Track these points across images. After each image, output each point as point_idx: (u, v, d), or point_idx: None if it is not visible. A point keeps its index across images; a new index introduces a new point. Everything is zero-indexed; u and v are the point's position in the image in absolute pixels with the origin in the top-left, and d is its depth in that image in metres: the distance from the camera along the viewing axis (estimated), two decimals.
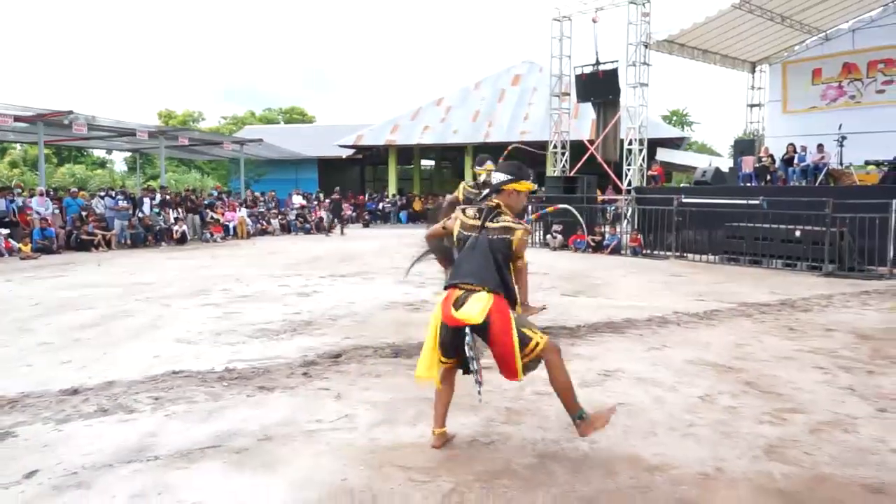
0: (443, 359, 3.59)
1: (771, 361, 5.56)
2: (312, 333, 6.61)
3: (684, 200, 14.65)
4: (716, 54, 20.22)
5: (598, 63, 18.66)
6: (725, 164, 26.57)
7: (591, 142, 19.79)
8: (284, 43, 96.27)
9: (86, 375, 5.05)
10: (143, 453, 3.60)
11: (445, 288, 3.61)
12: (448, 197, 7.22)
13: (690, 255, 14.16)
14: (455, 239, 3.70)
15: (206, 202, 22.02)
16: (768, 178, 16.58)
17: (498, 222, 3.58)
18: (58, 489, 3.19)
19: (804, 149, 16.91)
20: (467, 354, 3.48)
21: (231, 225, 21.27)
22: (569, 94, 20.14)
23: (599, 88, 18.77)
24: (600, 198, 19.16)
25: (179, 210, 19.82)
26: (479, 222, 3.62)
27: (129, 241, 17.41)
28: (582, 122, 25.16)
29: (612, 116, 19.02)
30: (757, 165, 17.13)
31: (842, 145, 15.57)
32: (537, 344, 3.51)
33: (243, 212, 22.46)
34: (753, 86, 22.02)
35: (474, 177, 6.82)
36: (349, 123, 37.97)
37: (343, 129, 35.04)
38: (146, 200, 19.25)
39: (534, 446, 3.72)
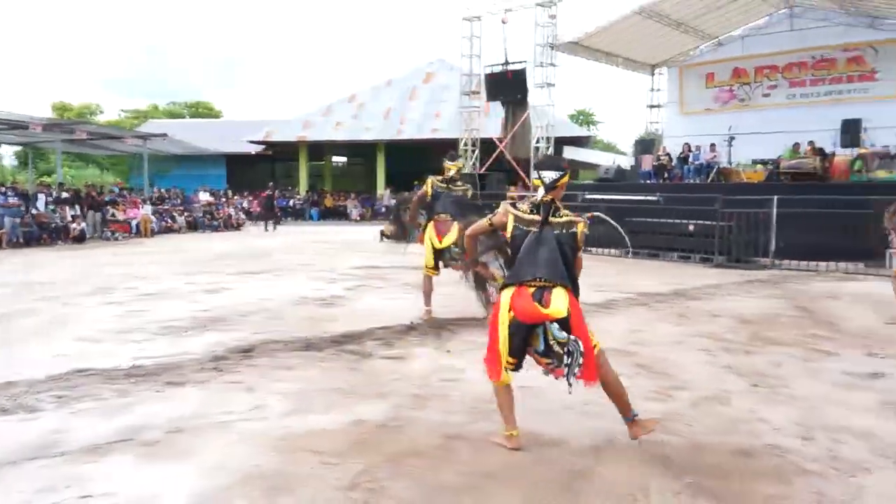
0: (509, 359, 3.54)
1: (662, 345, 5.98)
2: (222, 329, 6.58)
3: (588, 196, 15.24)
4: (618, 57, 21.11)
5: (507, 63, 19.15)
6: (629, 162, 27.72)
7: (501, 140, 20.27)
8: (189, 34, 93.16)
9: None
10: (50, 450, 3.58)
11: (507, 286, 3.52)
12: (418, 192, 7.36)
13: (594, 249, 14.73)
14: (510, 235, 3.61)
15: (107, 199, 21.19)
16: (665, 175, 17.49)
17: (561, 217, 3.57)
18: None
19: (698, 148, 17.93)
20: (563, 348, 3.44)
21: (134, 223, 20.55)
22: (479, 93, 20.56)
23: (508, 88, 19.26)
24: (510, 194, 19.66)
25: (77, 207, 19.00)
26: (538, 217, 3.57)
27: (21, 240, 16.56)
28: (492, 121, 25.70)
29: (520, 115, 19.57)
30: (655, 164, 18.04)
31: (731, 145, 16.62)
32: (596, 344, 3.55)
33: (147, 209, 21.74)
34: (654, 88, 23.10)
35: (443, 171, 6.99)
36: (258, 119, 37.27)
37: (252, 125, 34.39)
38: (41, 197, 18.35)
39: (440, 428, 3.92)
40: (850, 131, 15.54)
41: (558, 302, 3.42)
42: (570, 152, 27.02)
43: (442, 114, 30.30)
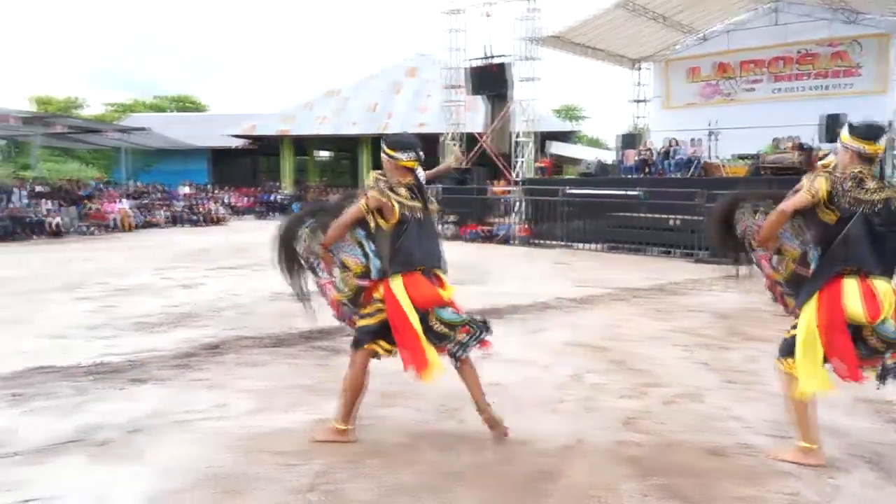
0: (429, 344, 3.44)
1: (639, 341, 5.91)
2: (193, 325, 6.46)
3: (569, 191, 15.19)
4: (602, 51, 21.01)
5: (490, 57, 19.00)
6: (613, 157, 27.68)
7: (483, 134, 20.16)
8: (176, 27, 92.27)
9: None
10: None
11: (394, 274, 3.43)
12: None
13: (577, 244, 14.71)
14: (397, 221, 3.45)
15: (84, 193, 20.90)
16: (647, 170, 17.43)
17: (432, 201, 3.64)
18: None
19: (680, 143, 17.88)
20: (451, 329, 3.52)
21: (113, 217, 20.28)
22: (462, 87, 20.42)
23: (491, 82, 19.12)
24: (492, 189, 19.57)
25: (54, 201, 18.71)
26: (419, 202, 3.53)
27: None
28: (477, 115, 25.54)
29: (502, 109, 19.43)
30: (637, 159, 17.99)
31: (715, 140, 16.58)
32: None
33: (125, 203, 21.47)
34: (638, 82, 23.04)
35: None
36: (242, 112, 36.93)
37: (236, 119, 34.03)
38: (16, 191, 18.06)
39: (406, 427, 3.82)
40: (832, 126, 15.53)
41: (447, 286, 3.56)
42: (554, 147, 27.04)
43: (428, 108, 30.11)
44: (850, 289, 3.14)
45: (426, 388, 4.46)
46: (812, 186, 3.19)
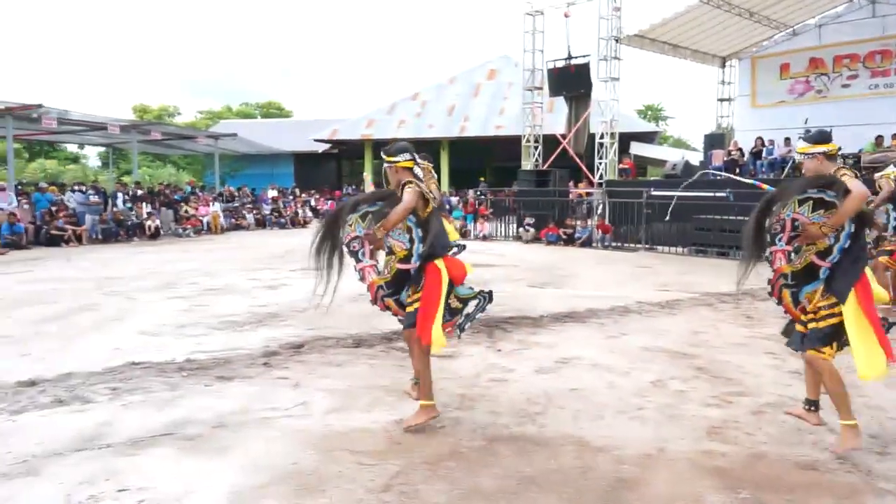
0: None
1: (724, 348, 5.69)
2: (277, 325, 6.64)
3: (654, 193, 14.82)
4: (686, 49, 20.42)
5: (570, 57, 18.77)
6: (699, 158, 26.87)
7: (564, 136, 19.93)
8: (261, 37, 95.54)
9: (44, 367, 5.04)
10: (95, 442, 3.62)
11: (437, 257, 3.85)
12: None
13: (660, 248, 14.34)
14: (429, 212, 3.92)
15: (177, 196, 21.85)
16: (737, 171, 16.80)
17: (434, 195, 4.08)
18: (6, 476, 3.20)
19: (772, 142, 17.17)
20: (463, 303, 3.95)
21: (205, 220, 21.12)
22: (542, 89, 20.25)
23: (571, 83, 18.88)
24: (573, 191, 19.31)
25: (152, 205, 19.66)
26: (434, 196, 4.01)
27: (100, 237, 17.22)
28: (556, 117, 25.29)
29: (583, 110, 19.16)
30: (726, 159, 17.38)
31: None
32: None
33: (217, 206, 22.31)
34: (724, 80, 22.26)
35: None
36: (325, 118, 37.86)
37: (319, 124, 34.95)
38: (119, 195, 19.07)
39: (483, 430, 3.80)
40: None
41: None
42: (636, 148, 26.44)
43: (506, 110, 30.06)
44: (870, 275, 3.50)
45: (504, 392, 4.44)
46: None
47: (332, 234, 3.99)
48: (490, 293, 4.03)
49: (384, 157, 4.08)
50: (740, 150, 17.27)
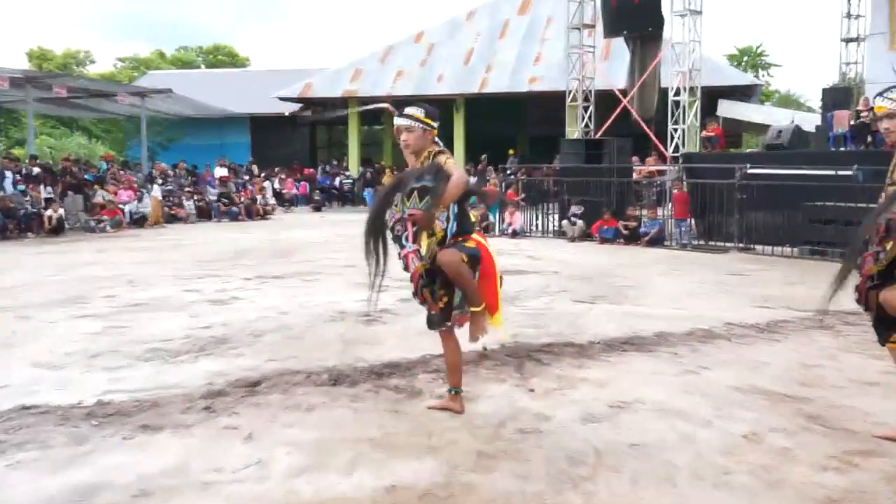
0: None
1: (847, 388, 5.67)
2: (226, 354, 6.68)
3: (751, 171, 14.80)
4: None
5: None
6: (815, 121, 26.80)
7: (625, 93, 19.93)
8: None
9: None
10: None
11: (470, 234, 4.83)
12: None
13: (759, 247, 14.31)
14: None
15: (89, 177, 22.07)
16: (868, 139, 16.74)
17: None
18: None
19: None
20: None
21: (128, 209, 21.29)
22: (594, 27, 20.27)
23: (635, 19, 18.93)
24: (638, 169, 19.32)
25: (54, 188, 19.83)
26: None
27: None
28: (614, 66, 25.33)
29: (652, 57, 19.17)
30: (853, 123, 17.33)
31: None
32: None
33: (156, 191, 22.56)
34: (850, 13, 22.19)
35: None
36: (294, 68, 38.06)
37: (286, 77, 35.15)
38: (6, 174, 19.25)
39: (508, 501, 3.80)
40: None
41: None
42: (727, 108, 26.39)
43: (543, 57, 30.12)
44: None
45: (538, 448, 4.45)
46: None
47: (381, 218, 4.78)
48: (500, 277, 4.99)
49: (419, 116, 4.82)
50: (872, 109, 17.22)
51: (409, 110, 4.82)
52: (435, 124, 4.87)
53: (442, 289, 4.78)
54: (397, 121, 4.89)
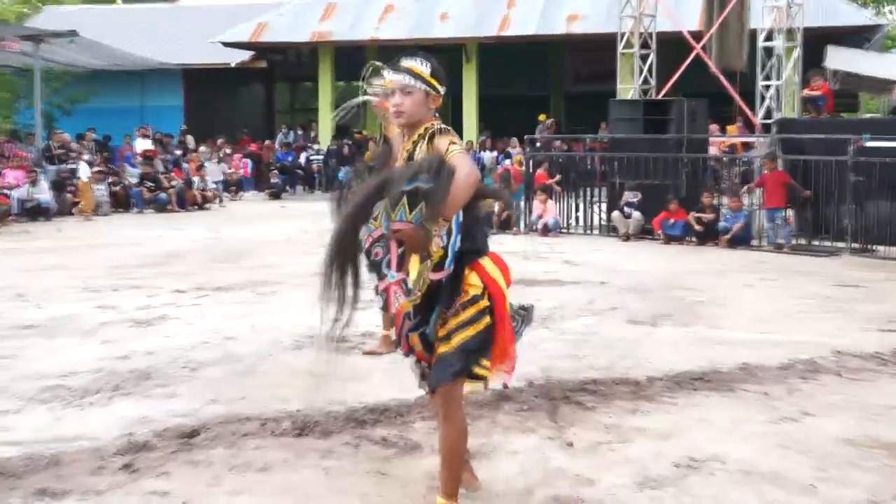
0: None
1: None
2: (151, 394, 6.70)
3: (869, 145, 14.77)
4: None
5: None
6: None
7: (699, 36, 19.95)
8: None
9: None
10: None
11: (482, 253, 4.45)
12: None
13: (881, 248, 14.30)
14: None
15: None
16: None
17: None
18: None
19: None
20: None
21: (16, 195, 21.29)
22: None
23: None
24: (717, 141, 19.32)
25: None
26: None
27: None
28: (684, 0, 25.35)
29: None
30: None
31: None
32: None
33: (84, 169, 22.65)
34: None
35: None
36: (245, 2, 38.01)
37: (231, 13, 35.08)
38: None
39: None
40: None
41: None
42: (837, 58, 26.32)
43: None
44: None
45: None
46: None
47: (355, 235, 4.18)
48: (529, 310, 4.72)
49: (422, 72, 4.40)
50: None
51: (407, 62, 4.37)
52: (442, 89, 4.45)
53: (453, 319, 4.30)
54: (390, 76, 4.42)
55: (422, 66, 4.33)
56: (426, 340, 4.35)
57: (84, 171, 22.83)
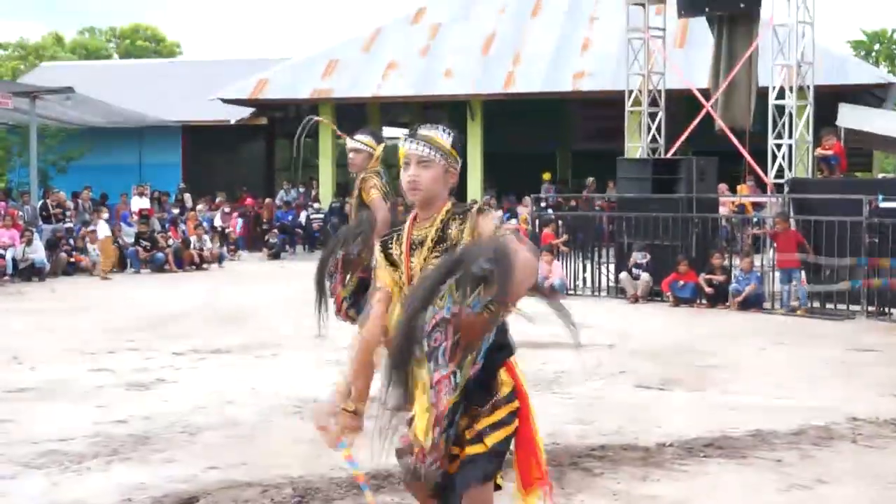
0: None
1: None
2: (148, 459, 6.71)
3: (884, 206, 14.83)
4: None
5: None
6: None
7: (708, 94, 20.05)
8: None
9: None
10: None
11: (510, 354, 4.03)
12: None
13: None
14: None
15: None
16: None
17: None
18: None
19: None
20: None
21: (10, 255, 21.34)
22: (664, 2, 20.47)
23: None
24: (727, 200, 19.36)
25: None
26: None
27: None
28: (692, 56, 25.48)
29: (745, 45, 19.28)
30: None
31: None
32: None
33: (103, 227, 22.69)
34: None
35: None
36: (242, 58, 38.22)
37: (232, 70, 35.23)
38: None
39: None
40: None
41: None
42: (849, 116, 26.42)
43: (593, 44, 30.25)
44: None
45: None
46: None
47: (420, 321, 3.79)
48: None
49: (443, 143, 4.00)
50: None
51: (426, 131, 3.97)
52: (459, 163, 4.08)
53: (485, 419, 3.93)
54: (406, 146, 3.96)
55: (444, 137, 3.96)
56: (448, 441, 3.78)
57: (103, 230, 22.88)
